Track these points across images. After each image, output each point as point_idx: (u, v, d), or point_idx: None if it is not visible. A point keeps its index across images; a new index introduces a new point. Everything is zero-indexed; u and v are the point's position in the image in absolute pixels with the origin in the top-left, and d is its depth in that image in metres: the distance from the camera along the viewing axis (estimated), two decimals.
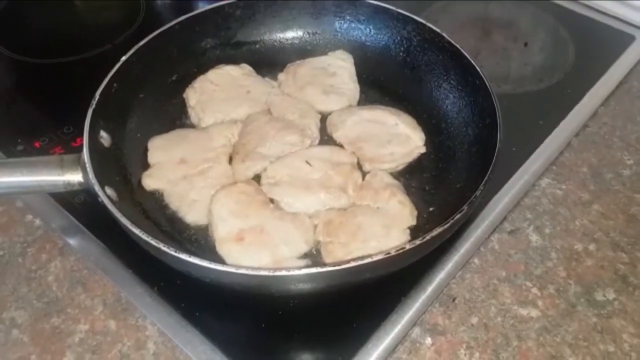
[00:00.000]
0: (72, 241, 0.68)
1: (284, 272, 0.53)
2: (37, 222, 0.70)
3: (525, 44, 0.97)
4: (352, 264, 0.53)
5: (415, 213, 0.68)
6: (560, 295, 0.66)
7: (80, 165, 0.62)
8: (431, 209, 0.70)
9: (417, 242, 0.56)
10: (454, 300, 0.66)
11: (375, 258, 0.54)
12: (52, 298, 0.64)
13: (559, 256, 0.70)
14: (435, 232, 0.56)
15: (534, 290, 0.67)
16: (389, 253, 0.54)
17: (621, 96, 0.88)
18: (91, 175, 0.60)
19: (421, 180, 0.73)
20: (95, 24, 1.01)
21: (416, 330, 0.63)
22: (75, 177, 0.62)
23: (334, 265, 0.53)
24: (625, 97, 0.88)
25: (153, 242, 0.55)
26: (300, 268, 0.53)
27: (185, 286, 0.59)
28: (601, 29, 1.00)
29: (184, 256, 0.54)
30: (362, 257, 0.53)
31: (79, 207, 0.70)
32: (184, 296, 0.63)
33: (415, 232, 0.66)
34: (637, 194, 0.76)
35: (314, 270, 0.52)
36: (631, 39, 0.97)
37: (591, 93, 0.88)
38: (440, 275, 0.67)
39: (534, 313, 0.65)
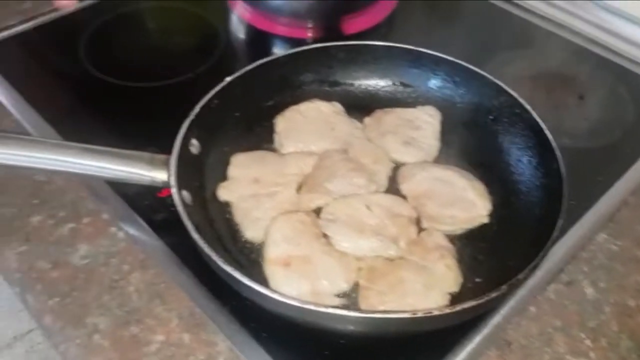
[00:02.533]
0: (152, 255, 0.74)
1: (311, 307, 0.56)
2: (121, 234, 0.76)
3: (581, 97, 0.99)
4: (375, 315, 0.56)
5: (460, 280, 0.69)
6: (612, 349, 0.67)
7: (167, 166, 0.70)
8: (478, 279, 0.70)
9: (446, 310, 0.57)
10: (510, 345, 0.67)
11: (400, 315, 0.56)
12: (131, 308, 0.69)
13: (612, 310, 0.71)
14: (467, 305, 0.57)
15: (587, 342, 0.68)
16: (415, 314, 0.56)
17: None
18: (173, 177, 0.68)
19: (476, 249, 0.73)
20: (176, 53, 1.08)
21: None
22: (160, 176, 0.70)
23: (359, 312, 0.56)
24: None
25: (204, 245, 0.61)
26: (327, 306, 0.56)
27: (255, 306, 0.62)
28: None
29: (228, 268, 0.59)
30: (387, 312, 0.56)
31: (160, 223, 0.77)
32: (254, 316, 0.66)
33: (455, 299, 0.67)
34: None
35: (336, 311, 0.56)
36: None
37: None
38: (497, 319, 0.69)
39: None
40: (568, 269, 0.75)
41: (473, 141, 0.84)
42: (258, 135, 0.86)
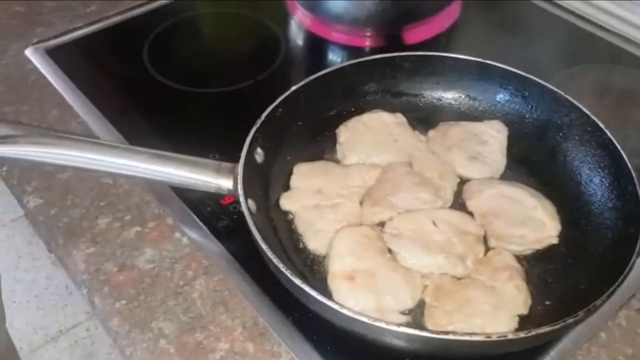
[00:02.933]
0: (215, 262, 0.74)
1: (378, 323, 0.56)
2: (185, 240, 0.77)
3: None
4: (447, 337, 0.54)
5: (530, 302, 0.67)
6: None
7: (233, 174, 0.70)
8: (547, 302, 0.68)
9: (521, 334, 0.55)
10: None
11: (473, 338, 0.55)
12: (196, 314, 0.69)
13: None
14: (542, 330, 0.55)
15: None
16: (489, 337, 0.55)
17: None
18: (240, 186, 0.68)
19: (545, 271, 0.71)
20: (237, 59, 1.08)
21: None
22: (226, 184, 0.70)
23: (430, 333, 0.55)
24: None
25: (273, 257, 0.61)
26: (398, 325, 0.56)
27: (318, 319, 0.62)
28: None
29: (296, 280, 0.59)
30: (459, 333, 0.54)
31: (223, 230, 0.77)
32: (317, 328, 0.66)
33: (524, 321, 0.65)
34: None
35: (407, 330, 0.55)
36: None
37: None
38: (567, 344, 0.67)
39: None
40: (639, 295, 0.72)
41: (541, 158, 0.82)
42: (320, 145, 0.86)
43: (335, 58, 1.11)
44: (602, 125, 0.75)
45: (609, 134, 0.74)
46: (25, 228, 2.27)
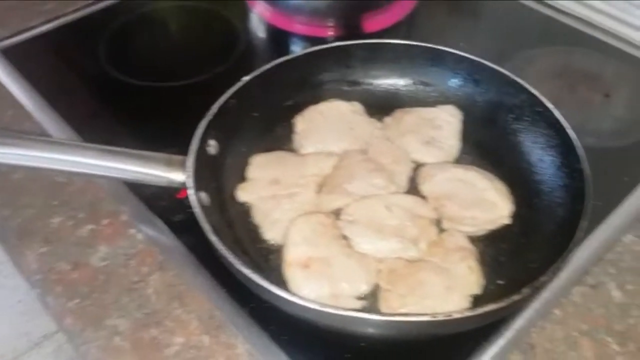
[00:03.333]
0: (170, 257, 0.74)
1: (330, 310, 0.56)
2: (140, 236, 0.76)
3: (607, 95, 0.96)
4: (395, 318, 0.55)
5: (483, 282, 0.67)
6: None
7: (184, 167, 0.70)
8: (500, 282, 0.68)
9: (467, 313, 0.56)
10: (533, 348, 0.66)
11: (419, 319, 0.55)
12: (151, 309, 0.69)
13: None
14: (488, 308, 0.56)
15: (614, 346, 0.66)
16: (435, 317, 0.55)
17: None
18: (190, 178, 0.68)
19: (498, 251, 0.72)
20: (195, 52, 1.07)
21: None
22: (177, 177, 0.70)
23: (379, 315, 0.56)
24: None
25: (222, 248, 0.61)
26: (346, 309, 0.56)
27: (275, 309, 0.62)
28: None
29: (246, 270, 0.59)
30: (407, 315, 0.55)
31: (178, 224, 0.76)
32: (274, 318, 0.66)
33: (477, 301, 0.65)
34: None
35: (355, 314, 0.55)
36: None
37: None
38: (520, 322, 0.67)
39: None
40: (593, 271, 0.73)
41: (494, 141, 0.83)
42: (277, 135, 0.86)
43: (296, 49, 1.11)
44: (550, 106, 0.76)
45: (556, 113, 0.75)
46: None
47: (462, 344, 0.65)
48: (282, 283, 0.67)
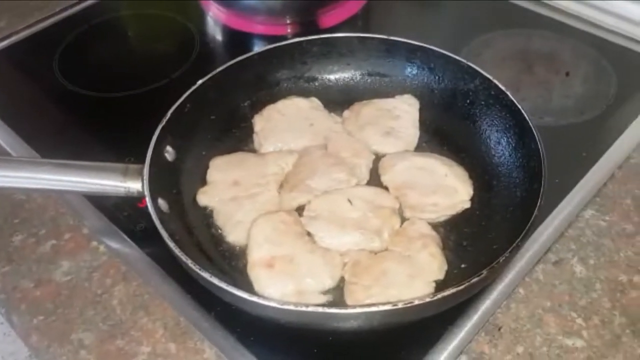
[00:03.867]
0: (134, 267, 0.73)
1: (290, 307, 0.56)
2: (102, 248, 0.76)
3: (567, 74, 0.98)
4: (356, 310, 0.55)
5: (445, 267, 0.68)
6: (605, 326, 0.67)
7: (141, 175, 0.69)
8: (463, 265, 0.69)
9: (427, 299, 0.56)
10: (499, 329, 0.67)
11: (380, 308, 0.55)
12: (116, 321, 0.69)
13: (603, 287, 0.70)
14: (447, 292, 0.56)
15: (579, 320, 0.67)
16: (396, 305, 0.56)
17: None
18: (146, 186, 0.67)
19: (460, 235, 0.72)
20: (152, 60, 1.07)
21: (463, 359, 0.65)
22: (135, 186, 0.69)
23: (339, 309, 0.56)
24: None
25: (179, 253, 0.60)
26: (305, 305, 0.56)
27: (241, 311, 0.62)
28: None
29: (205, 274, 0.59)
30: (367, 305, 0.55)
31: (140, 234, 0.76)
32: (240, 321, 0.66)
33: (441, 286, 0.66)
34: None
35: (316, 309, 0.55)
36: None
37: (634, 125, 0.88)
38: (486, 304, 0.68)
39: (579, 343, 0.65)
40: (555, 248, 0.74)
41: (453, 127, 0.84)
42: (237, 137, 0.85)
43: (254, 49, 1.10)
44: (503, 88, 0.77)
45: (510, 95, 0.76)
46: None
47: (430, 330, 0.65)
48: (247, 285, 0.67)
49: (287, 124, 0.85)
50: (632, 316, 0.67)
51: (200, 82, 0.80)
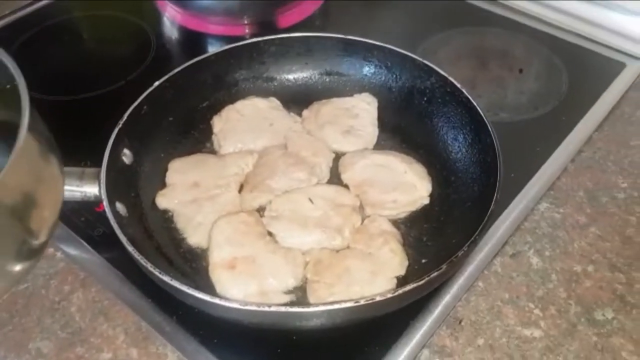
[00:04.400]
0: (92, 273, 0.72)
1: (252, 307, 0.56)
2: (59, 255, 0.74)
3: (520, 71, 1.01)
4: (317, 309, 0.55)
5: (406, 263, 0.69)
6: (562, 316, 0.69)
7: (98, 179, 0.68)
8: (424, 260, 0.70)
9: (388, 295, 0.57)
10: (460, 322, 0.68)
11: (342, 306, 0.56)
12: (75, 328, 0.67)
13: (559, 278, 0.72)
14: (408, 288, 0.57)
15: (536, 311, 0.69)
16: (357, 302, 0.56)
17: (614, 122, 0.91)
18: (103, 189, 0.66)
19: (421, 231, 0.74)
20: (107, 61, 1.05)
21: (425, 353, 0.66)
22: (92, 190, 0.68)
23: (299, 308, 0.56)
24: (617, 123, 0.91)
25: (138, 257, 0.60)
26: (264, 305, 0.56)
27: (203, 314, 0.61)
28: (593, 58, 1.03)
29: (165, 277, 0.58)
30: (328, 304, 0.56)
31: (99, 239, 0.75)
32: (202, 323, 0.66)
33: (402, 282, 0.67)
34: (632, 216, 0.79)
35: (278, 309, 0.56)
36: (622, 66, 1.00)
37: (585, 119, 0.91)
38: (446, 298, 0.69)
39: (537, 333, 0.67)
40: (512, 241, 0.76)
41: (411, 124, 0.85)
42: (196, 138, 0.85)
43: (211, 50, 1.09)
44: (458, 85, 0.78)
45: (465, 92, 0.78)
46: None
47: (392, 325, 0.66)
48: (209, 287, 0.66)
49: (247, 124, 0.84)
50: (586, 305, 0.69)
51: (157, 83, 0.79)
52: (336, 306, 0.56)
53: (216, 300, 0.56)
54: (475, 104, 0.76)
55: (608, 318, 0.68)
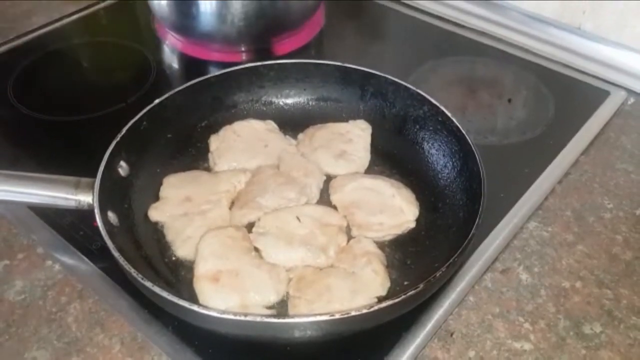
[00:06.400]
0: (90, 284, 0.73)
1: (227, 316, 0.57)
2: (57, 267, 0.75)
3: (509, 100, 1.04)
4: (294, 320, 0.57)
5: (388, 284, 0.70)
6: (551, 330, 0.70)
7: (93, 189, 0.70)
8: (406, 282, 0.71)
9: (364, 310, 0.58)
10: (451, 335, 0.69)
11: (318, 318, 0.57)
12: (72, 338, 0.68)
13: (548, 293, 0.74)
14: (384, 304, 0.58)
15: (526, 325, 0.70)
16: (333, 315, 0.57)
17: (600, 146, 0.94)
18: (95, 198, 0.68)
19: (405, 254, 0.75)
20: (109, 85, 1.09)
21: None
22: (86, 199, 0.70)
23: (278, 319, 0.57)
24: (603, 147, 0.94)
25: (123, 262, 0.61)
26: (235, 314, 0.57)
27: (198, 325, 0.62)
28: (579, 86, 1.08)
29: (147, 283, 0.59)
30: (302, 315, 0.57)
31: (96, 252, 0.76)
32: (198, 334, 0.66)
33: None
34: (618, 235, 0.81)
35: (254, 319, 0.57)
36: (606, 94, 1.04)
37: (572, 143, 0.94)
38: (438, 312, 0.70)
39: (527, 346, 0.68)
40: (502, 258, 0.77)
41: (402, 151, 0.87)
42: (193, 155, 0.87)
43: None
44: (449, 114, 0.80)
45: (455, 121, 0.79)
46: None
47: (385, 337, 0.67)
48: (192, 297, 0.68)
49: (242, 144, 0.87)
50: (575, 319, 0.71)
51: (157, 100, 0.82)
52: (311, 319, 0.57)
53: (194, 308, 0.58)
54: (464, 133, 0.78)
55: (596, 332, 0.69)
